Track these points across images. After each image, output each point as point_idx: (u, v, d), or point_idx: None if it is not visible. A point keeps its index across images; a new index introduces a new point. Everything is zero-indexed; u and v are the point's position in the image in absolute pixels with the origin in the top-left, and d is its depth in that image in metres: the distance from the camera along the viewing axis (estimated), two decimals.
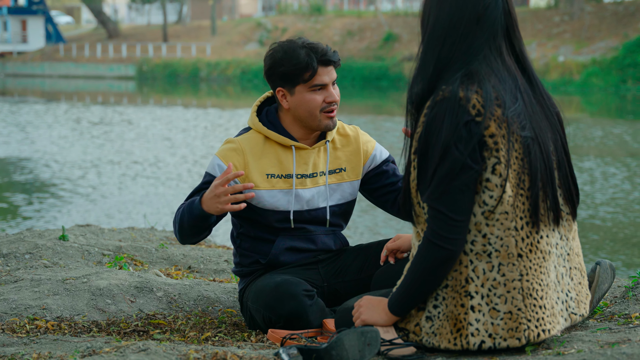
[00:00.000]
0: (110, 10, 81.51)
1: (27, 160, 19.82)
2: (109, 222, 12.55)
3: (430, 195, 2.97)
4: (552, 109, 3.13)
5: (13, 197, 15.37)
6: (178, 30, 66.99)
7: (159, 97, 44.53)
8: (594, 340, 3.07)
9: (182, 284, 4.39)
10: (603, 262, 3.55)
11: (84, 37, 70.16)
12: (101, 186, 16.37)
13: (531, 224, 3.00)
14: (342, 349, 2.91)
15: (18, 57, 65.84)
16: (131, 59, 59.91)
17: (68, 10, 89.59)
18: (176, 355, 3.04)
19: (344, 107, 36.41)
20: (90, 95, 44.99)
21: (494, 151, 2.94)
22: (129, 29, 71.32)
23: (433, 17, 3.05)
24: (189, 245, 5.80)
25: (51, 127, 27.22)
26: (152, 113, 32.85)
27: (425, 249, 2.99)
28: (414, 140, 3.03)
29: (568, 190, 3.13)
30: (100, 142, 23.30)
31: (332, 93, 3.83)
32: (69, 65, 61.38)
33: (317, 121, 3.85)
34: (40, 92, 47.79)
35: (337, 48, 53.23)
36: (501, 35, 3.06)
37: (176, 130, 26.42)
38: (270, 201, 3.87)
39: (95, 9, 66.92)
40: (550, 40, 48.08)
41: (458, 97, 2.94)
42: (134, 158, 20.20)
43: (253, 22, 63.93)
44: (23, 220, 13.29)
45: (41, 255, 4.94)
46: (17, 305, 3.96)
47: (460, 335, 3.00)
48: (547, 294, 3.03)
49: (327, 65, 3.81)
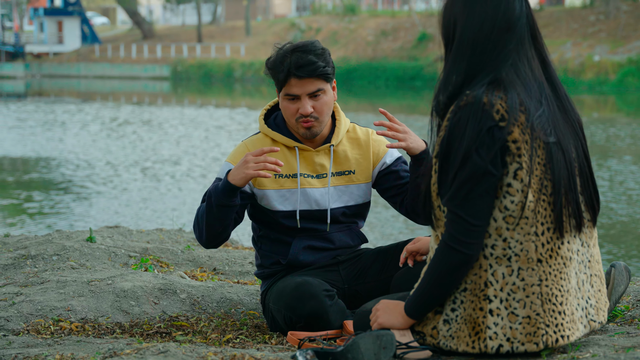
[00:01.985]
0: (145, 11, 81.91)
1: (59, 160, 19.98)
2: (138, 223, 12.63)
3: (450, 199, 2.98)
4: (573, 114, 3.13)
5: (44, 197, 15.50)
6: (212, 31, 67.25)
7: (194, 97, 44.75)
8: (610, 345, 3.07)
9: (206, 286, 4.43)
10: (618, 264, 3.54)
11: (119, 38, 70.63)
12: (133, 187, 16.46)
13: (552, 230, 3.00)
14: (357, 352, 2.92)
15: (54, 58, 66.41)
16: (166, 60, 60.25)
17: (104, 11, 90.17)
18: (195, 357, 3.07)
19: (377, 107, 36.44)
20: (125, 95, 45.31)
21: (516, 157, 2.94)
22: (163, 30, 71.72)
23: (460, 27, 3.05)
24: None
25: (85, 127, 27.42)
26: (186, 113, 32.99)
27: (442, 253, 3.00)
28: (437, 144, 3.04)
29: (589, 196, 3.13)
30: (134, 142, 23.44)
31: (304, 105, 3.82)
32: (104, 66, 61.83)
33: (296, 128, 3.90)
34: (76, 92, 48.17)
35: (371, 48, 53.28)
36: (528, 41, 3.07)
37: (212, 130, 26.52)
38: (279, 200, 3.92)
39: (130, 10, 67.32)
40: (585, 39, 47.78)
41: (482, 102, 2.94)
42: (166, 158, 20.30)
43: (287, 22, 64.06)
44: (53, 220, 13.39)
45: (68, 257, 4.99)
46: (42, 307, 4.01)
47: (478, 339, 3.00)
48: (567, 300, 3.03)
49: (301, 78, 3.80)
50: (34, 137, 24.39)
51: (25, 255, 5.00)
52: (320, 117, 3.87)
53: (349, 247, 4.07)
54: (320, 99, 3.86)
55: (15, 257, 5.00)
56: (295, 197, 3.93)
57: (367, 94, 44.30)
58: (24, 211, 14.22)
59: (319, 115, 3.86)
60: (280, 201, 3.93)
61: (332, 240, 4.01)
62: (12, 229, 12.34)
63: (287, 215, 3.94)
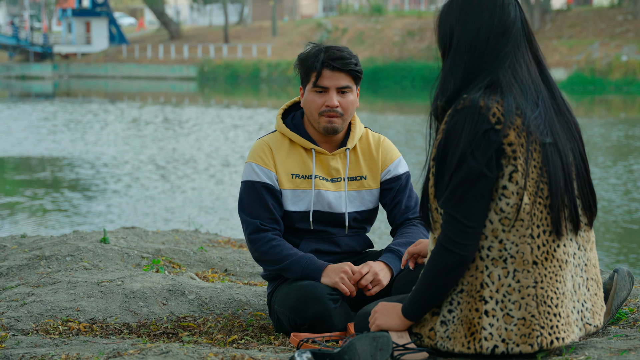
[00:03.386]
0: (172, 12, 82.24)
1: (83, 159, 20.11)
2: (157, 224, 12.69)
3: (446, 201, 3.03)
4: (570, 117, 3.16)
5: (64, 197, 15.61)
6: (239, 31, 67.42)
7: (220, 97, 44.90)
8: (606, 347, 3.10)
9: (214, 287, 4.48)
10: (621, 269, 3.57)
11: (146, 39, 70.94)
12: (155, 187, 16.55)
13: (548, 233, 3.04)
14: (354, 354, 2.97)
15: (82, 58, 66.81)
16: (193, 60, 60.45)
17: (131, 11, 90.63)
18: (196, 357, 3.12)
19: (402, 107, 36.42)
20: (152, 95, 45.52)
21: (511, 159, 2.98)
22: (190, 30, 71.97)
23: (458, 33, 3.11)
24: (221, 249, 5.92)
25: (110, 126, 27.58)
26: (213, 114, 33.11)
27: (438, 254, 3.04)
28: (434, 147, 3.09)
29: (586, 200, 3.16)
30: (158, 141, 23.55)
31: (332, 97, 3.91)
32: (131, 67, 62.15)
33: (317, 123, 3.96)
34: (104, 93, 48.44)
35: (397, 48, 53.22)
36: (524, 45, 3.12)
37: (237, 130, 26.60)
38: (293, 200, 3.98)
39: (158, 10, 67.60)
40: (613, 39, 47.56)
41: (479, 105, 2.99)
42: (188, 158, 20.39)
43: (313, 22, 64.13)
44: (72, 220, 13.49)
45: (82, 258, 5.06)
46: (52, 307, 4.08)
47: (473, 340, 3.04)
48: (562, 302, 3.06)
49: (334, 70, 3.90)
50: (59, 137, 24.55)
51: (40, 256, 5.07)
52: (345, 114, 3.96)
53: (355, 252, 4.12)
54: (347, 96, 3.95)
55: (30, 257, 5.07)
56: (309, 198, 3.99)
57: (393, 95, 44.30)
58: (45, 211, 14.34)
59: (344, 112, 3.95)
60: (294, 201, 3.99)
61: (338, 244, 4.07)
62: (32, 228, 12.45)
63: (300, 216, 4.00)
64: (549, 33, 50.76)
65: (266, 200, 3.95)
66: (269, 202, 3.95)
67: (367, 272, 3.84)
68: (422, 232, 4.03)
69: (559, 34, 50.39)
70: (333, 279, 3.81)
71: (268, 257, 3.91)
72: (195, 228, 7.05)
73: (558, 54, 47.81)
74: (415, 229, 4.05)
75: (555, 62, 47.05)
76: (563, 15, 52.45)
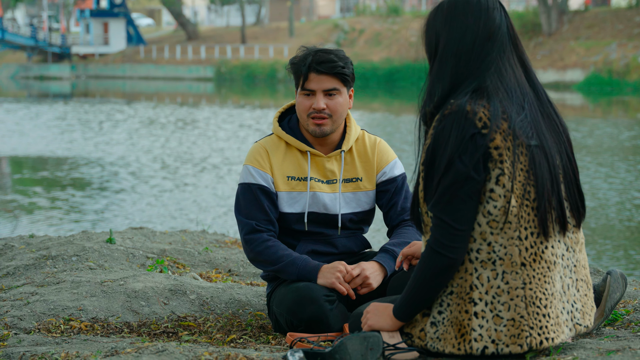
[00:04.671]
0: (190, 13, 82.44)
1: (97, 159, 20.21)
2: (167, 223, 12.75)
3: (435, 205, 3.08)
4: (557, 119, 3.20)
5: (75, 196, 15.69)
6: (256, 32, 67.51)
7: (237, 98, 44.96)
8: (595, 348, 3.13)
9: (215, 287, 4.54)
10: (614, 271, 3.60)
11: (164, 39, 71.12)
12: (166, 187, 16.62)
13: (536, 235, 3.08)
14: (345, 353, 3.02)
15: (100, 59, 67.07)
16: (210, 61, 60.58)
17: (149, 12, 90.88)
18: (191, 357, 3.17)
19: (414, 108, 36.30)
20: (169, 96, 45.64)
21: (498, 163, 3.03)
22: (207, 31, 72.11)
23: (443, 39, 3.17)
24: (228, 249, 5.98)
25: (127, 127, 27.68)
26: (228, 114, 33.19)
27: (428, 257, 3.09)
28: (423, 152, 3.14)
29: (574, 202, 3.20)
30: (174, 141, 23.64)
31: (318, 100, 3.97)
32: (148, 67, 62.34)
33: (307, 125, 4.04)
34: (121, 93, 48.60)
35: (414, 49, 53.12)
36: (509, 49, 3.17)
37: (250, 130, 26.68)
38: (288, 202, 4.04)
39: (175, 11, 67.78)
40: (631, 40, 47.38)
41: (465, 110, 3.04)
42: (202, 158, 20.46)
43: (330, 23, 64.12)
44: (84, 219, 13.56)
45: (87, 258, 5.12)
46: (55, 306, 4.14)
47: (464, 341, 3.08)
48: (551, 303, 3.10)
49: (320, 73, 3.96)
50: (74, 136, 24.67)
51: (46, 256, 5.14)
52: (333, 116, 4.01)
53: (352, 253, 4.17)
54: (335, 98, 4.00)
55: (37, 257, 5.14)
56: (305, 200, 4.04)
57: (410, 96, 44.25)
58: (58, 210, 14.42)
59: (333, 114, 4.00)
60: (290, 203, 4.05)
61: (335, 245, 4.12)
62: (45, 228, 12.53)
63: (296, 218, 4.05)
64: (566, 34, 50.64)
65: (262, 202, 4.01)
66: (264, 204, 4.01)
67: (357, 276, 3.90)
68: (418, 234, 4.08)
69: (576, 34, 50.25)
70: (329, 279, 3.86)
71: (263, 257, 3.96)
72: (203, 228, 7.12)
73: (575, 54, 47.70)
74: (411, 230, 4.10)
75: (572, 63, 46.96)
76: (580, 16, 52.28)
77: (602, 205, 13.66)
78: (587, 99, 40.91)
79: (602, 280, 3.58)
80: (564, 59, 48.00)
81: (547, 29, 50.94)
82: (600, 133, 24.58)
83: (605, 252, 10.83)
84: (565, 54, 48.43)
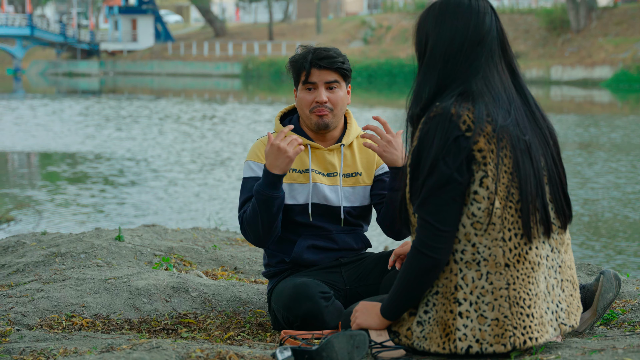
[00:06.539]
0: (218, 10, 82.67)
1: (119, 155, 20.34)
2: (184, 222, 12.82)
3: (419, 206, 3.13)
4: (544, 123, 3.25)
5: (93, 193, 15.80)
6: (284, 29, 67.61)
7: (264, 94, 45.08)
8: (580, 347, 3.18)
9: (217, 284, 4.61)
10: (607, 271, 3.64)
11: (191, 36, 71.37)
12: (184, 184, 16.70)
13: (520, 236, 3.13)
14: (331, 351, 3.08)
15: (128, 55, 67.45)
16: (237, 57, 60.78)
17: (177, 9, 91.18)
18: (183, 353, 3.24)
19: None
20: (197, 92, 45.83)
21: (482, 165, 3.08)
22: (235, 28, 72.27)
23: (432, 41, 3.21)
24: (238, 247, 6.04)
25: (155, 124, 27.82)
26: (255, 110, 33.28)
27: (413, 257, 3.15)
28: (409, 154, 3.20)
29: (559, 204, 3.24)
30: (199, 138, 23.74)
31: (321, 93, 4.08)
32: (176, 64, 62.62)
33: (309, 120, 4.13)
34: (149, 89, 48.83)
35: None
36: (498, 54, 3.21)
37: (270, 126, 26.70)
38: (290, 194, 4.13)
39: (203, 8, 67.99)
40: None
41: (450, 113, 3.09)
42: (221, 156, 20.54)
43: (358, 20, 64.12)
44: (99, 217, 13.67)
45: (96, 255, 5.20)
46: (58, 303, 4.23)
47: (448, 340, 3.14)
48: (535, 303, 3.15)
49: (321, 68, 4.07)
50: (105, 132, 24.83)
51: (56, 253, 5.23)
52: (335, 109, 4.12)
53: (352, 249, 4.24)
54: (336, 92, 4.12)
55: (47, 254, 5.23)
56: (307, 191, 4.12)
57: None
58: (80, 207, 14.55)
59: (334, 107, 4.11)
60: (292, 195, 4.14)
61: (335, 241, 4.19)
62: (68, 224, 12.65)
63: (299, 209, 4.13)
64: (594, 31, 50.41)
65: None
66: None
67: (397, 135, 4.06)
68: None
69: (605, 31, 50.01)
70: (286, 158, 3.91)
71: (247, 216, 4.01)
72: (216, 226, 7.19)
73: (604, 51, 47.49)
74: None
75: (600, 60, 46.74)
76: (609, 13, 52.00)
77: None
78: (615, 95, 40.72)
79: (595, 280, 3.63)
80: (592, 56, 47.79)
81: (576, 26, 50.72)
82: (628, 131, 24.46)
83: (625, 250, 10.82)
84: (594, 50, 48.21)
